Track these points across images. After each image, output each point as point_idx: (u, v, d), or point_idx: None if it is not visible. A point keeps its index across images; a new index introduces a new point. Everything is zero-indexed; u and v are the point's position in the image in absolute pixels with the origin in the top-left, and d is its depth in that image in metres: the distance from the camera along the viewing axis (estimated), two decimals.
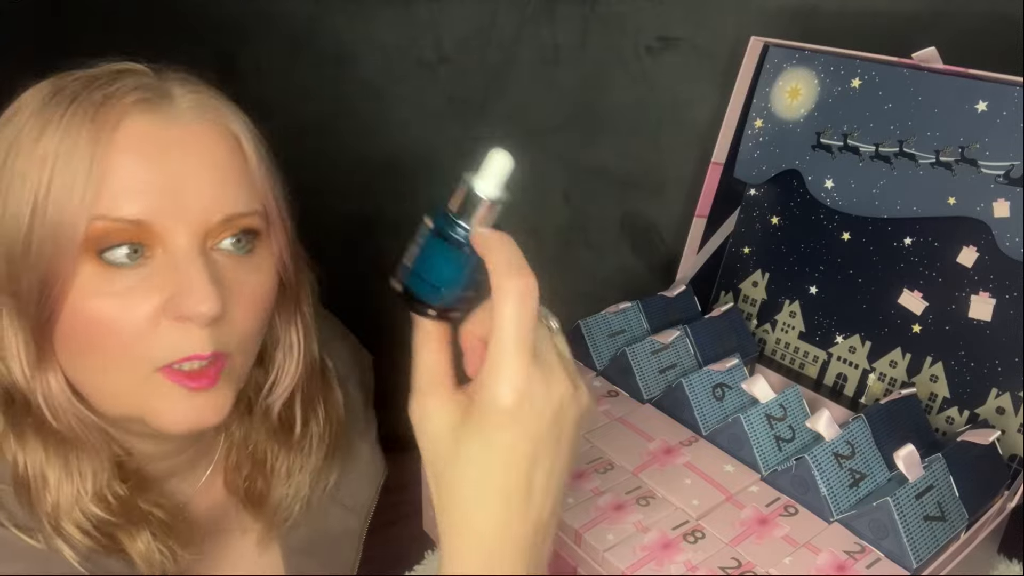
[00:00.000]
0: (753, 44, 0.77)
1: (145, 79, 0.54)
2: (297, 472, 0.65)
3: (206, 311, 0.50)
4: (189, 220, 0.51)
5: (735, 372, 0.70)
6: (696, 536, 0.56)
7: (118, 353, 0.51)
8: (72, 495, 0.53)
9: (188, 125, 0.53)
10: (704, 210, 0.83)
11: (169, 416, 0.53)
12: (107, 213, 0.49)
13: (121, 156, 0.50)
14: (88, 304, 0.50)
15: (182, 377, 0.52)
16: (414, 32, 0.94)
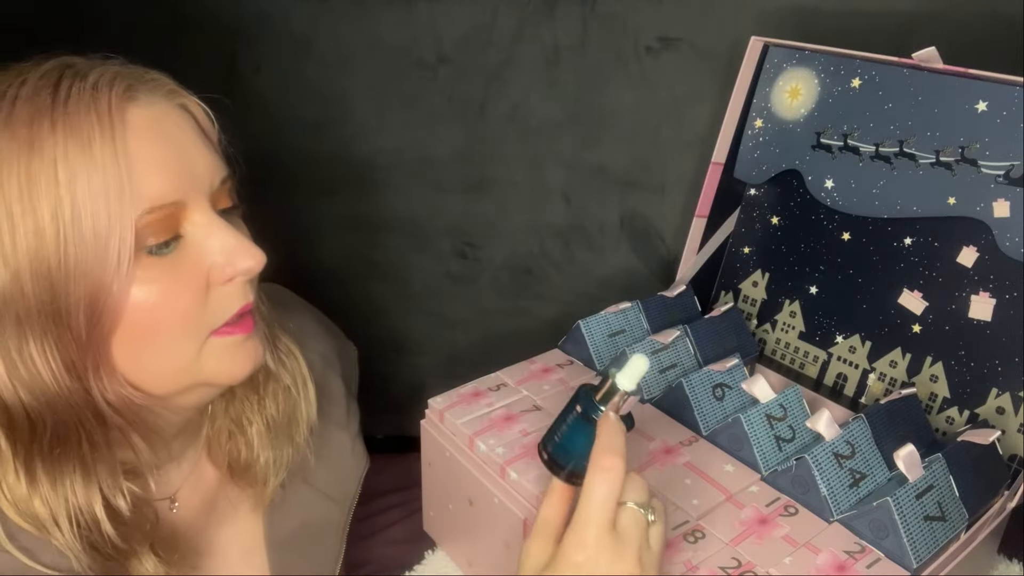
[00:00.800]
0: (753, 44, 0.77)
1: (112, 67, 0.53)
2: (272, 427, 0.66)
3: (254, 264, 0.54)
4: (202, 190, 0.54)
5: (735, 372, 0.70)
6: (696, 536, 0.56)
7: (179, 330, 0.53)
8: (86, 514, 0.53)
9: (162, 105, 0.54)
10: (704, 210, 0.83)
11: (233, 367, 0.57)
12: (148, 205, 0.50)
13: (140, 145, 0.50)
14: (143, 295, 0.51)
15: (235, 328, 0.56)
16: (414, 32, 0.94)
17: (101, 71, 0.52)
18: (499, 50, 0.93)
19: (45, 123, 0.48)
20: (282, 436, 0.67)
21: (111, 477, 0.54)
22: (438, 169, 1.01)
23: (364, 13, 0.94)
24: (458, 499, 0.68)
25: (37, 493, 0.52)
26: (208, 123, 0.58)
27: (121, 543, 0.55)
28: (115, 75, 0.52)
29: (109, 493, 0.54)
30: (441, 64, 0.95)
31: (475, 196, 1.01)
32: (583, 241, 1.00)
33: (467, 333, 1.09)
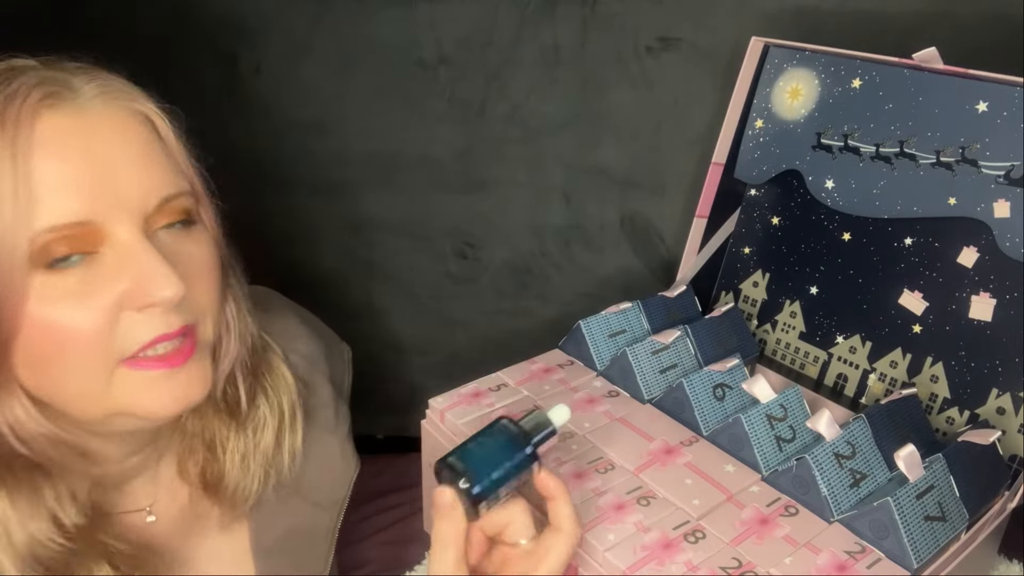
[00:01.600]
0: (754, 44, 0.77)
1: (44, 73, 0.51)
2: (251, 456, 0.64)
3: (171, 295, 0.49)
4: (128, 209, 0.50)
5: (735, 372, 0.70)
6: (697, 536, 0.56)
7: (81, 354, 0.50)
8: (33, 533, 0.51)
9: (101, 113, 0.51)
10: (704, 210, 0.83)
11: (155, 402, 0.52)
12: (48, 223, 0.47)
13: (45, 160, 0.47)
14: (46, 312, 0.48)
15: (154, 362, 0.51)
16: (414, 32, 0.94)
17: (29, 77, 0.49)
18: (499, 50, 0.93)
19: None
20: (261, 464, 0.64)
21: (55, 498, 0.53)
22: (438, 169, 1.01)
23: (364, 13, 0.94)
24: None
25: None
26: (170, 132, 0.55)
27: (70, 557, 0.53)
28: (41, 80, 0.50)
29: (55, 510, 0.53)
30: (441, 64, 0.95)
31: (475, 196, 1.01)
32: (583, 241, 1.00)
33: (467, 333, 1.09)
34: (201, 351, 0.54)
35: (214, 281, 0.56)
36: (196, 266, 0.54)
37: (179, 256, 0.52)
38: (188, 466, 0.65)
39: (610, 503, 0.58)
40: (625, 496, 0.59)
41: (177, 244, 0.53)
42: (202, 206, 0.56)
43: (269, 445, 0.65)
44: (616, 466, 0.62)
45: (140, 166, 0.51)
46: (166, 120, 0.55)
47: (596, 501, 0.59)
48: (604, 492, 0.59)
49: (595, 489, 0.60)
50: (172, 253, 0.52)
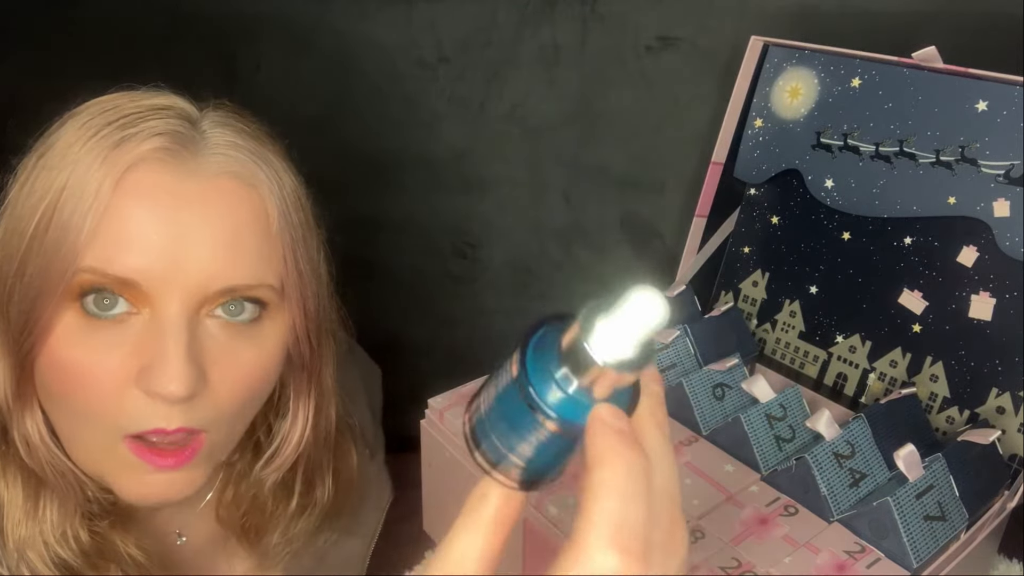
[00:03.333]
0: (753, 44, 0.77)
1: (176, 124, 0.48)
2: (298, 524, 0.61)
3: (175, 391, 0.45)
4: (184, 287, 0.46)
5: (735, 372, 0.70)
6: (696, 536, 0.56)
7: (88, 410, 0.47)
8: (37, 533, 0.50)
9: (208, 182, 0.48)
10: (704, 210, 0.83)
11: (133, 489, 0.50)
12: (96, 266, 0.45)
13: (125, 207, 0.46)
14: (64, 352, 0.46)
15: (148, 452, 0.48)
16: (414, 32, 0.94)
17: (161, 123, 0.48)
18: (499, 50, 0.93)
19: (78, 143, 0.46)
20: (306, 531, 0.62)
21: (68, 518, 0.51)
22: (438, 169, 1.01)
23: (364, 13, 0.94)
24: (458, 499, 0.68)
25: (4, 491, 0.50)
26: (279, 222, 0.50)
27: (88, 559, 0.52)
28: (170, 130, 0.48)
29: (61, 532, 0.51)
30: (441, 64, 0.95)
31: (475, 195, 1.01)
32: (583, 241, 1.00)
33: (467, 333, 1.09)
34: (202, 459, 0.50)
35: (249, 388, 0.51)
36: (235, 369, 0.49)
37: (220, 353, 0.49)
38: (230, 515, 0.62)
39: None
40: None
41: (227, 336, 0.49)
42: (287, 304, 0.52)
43: (317, 523, 0.62)
44: None
45: (219, 246, 0.47)
46: (281, 207, 0.51)
47: None
48: None
49: None
50: (212, 345, 0.48)
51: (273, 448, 0.58)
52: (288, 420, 0.57)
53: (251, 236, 0.49)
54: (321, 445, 0.60)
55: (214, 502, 0.63)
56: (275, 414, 0.58)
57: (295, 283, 0.52)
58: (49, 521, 0.51)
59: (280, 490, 0.60)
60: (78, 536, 0.51)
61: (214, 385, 0.48)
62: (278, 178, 0.52)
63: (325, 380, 0.58)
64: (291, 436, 0.57)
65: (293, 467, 0.59)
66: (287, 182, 0.52)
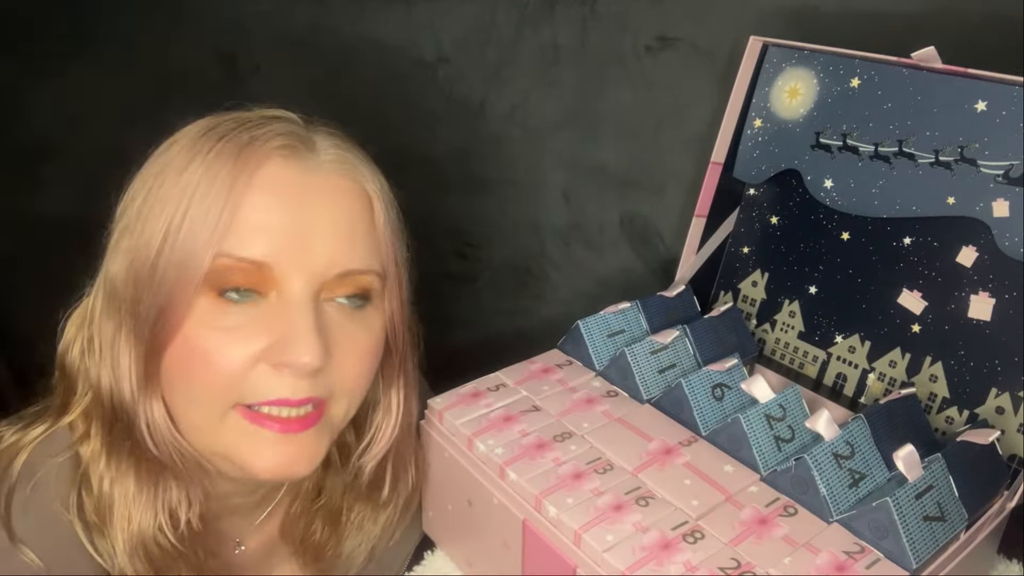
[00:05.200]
0: (752, 44, 0.77)
1: (293, 127, 0.55)
2: (370, 524, 0.65)
3: (309, 361, 0.50)
4: (308, 269, 0.52)
5: (734, 372, 0.70)
6: (695, 536, 0.56)
7: (208, 386, 0.52)
8: (152, 523, 0.54)
9: (326, 176, 0.54)
10: (703, 210, 0.83)
11: (258, 461, 0.53)
12: (232, 251, 0.50)
13: (256, 197, 0.51)
14: (198, 334, 0.51)
15: (270, 421, 0.52)
16: (413, 32, 0.94)
17: (280, 126, 0.54)
18: (498, 50, 0.94)
19: (204, 150, 0.52)
20: (371, 541, 0.65)
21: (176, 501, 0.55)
22: (438, 169, 1.01)
23: (364, 13, 0.94)
24: (457, 499, 0.68)
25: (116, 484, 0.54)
26: (382, 215, 0.57)
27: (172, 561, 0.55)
28: (288, 131, 0.54)
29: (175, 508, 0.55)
30: (441, 64, 0.95)
31: (475, 196, 1.01)
32: (583, 241, 1.00)
33: (467, 333, 1.10)
34: (323, 427, 0.55)
35: (366, 365, 0.56)
36: (352, 346, 0.55)
37: (338, 331, 0.54)
38: (293, 529, 0.65)
39: (608, 503, 0.58)
40: (624, 496, 0.59)
41: (342, 319, 0.55)
42: (388, 293, 0.58)
43: (381, 527, 0.66)
44: (614, 466, 0.62)
45: (338, 234, 0.53)
46: (383, 203, 0.58)
47: (594, 501, 0.59)
48: (603, 492, 0.59)
49: (594, 489, 0.60)
50: (333, 325, 0.53)
51: (369, 437, 0.62)
52: (381, 410, 0.62)
53: (362, 227, 0.56)
54: (407, 434, 0.64)
55: (278, 515, 0.66)
56: (371, 403, 0.62)
57: (394, 273, 0.59)
58: (165, 508, 0.54)
59: (362, 492, 0.64)
60: (193, 523, 0.55)
61: (336, 362, 0.53)
62: (379, 181, 0.58)
63: (410, 372, 0.64)
64: (385, 425, 0.62)
65: (384, 458, 0.63)
66: (384, 184, 0.59)
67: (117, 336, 0.53)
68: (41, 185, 1.21)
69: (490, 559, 0.66)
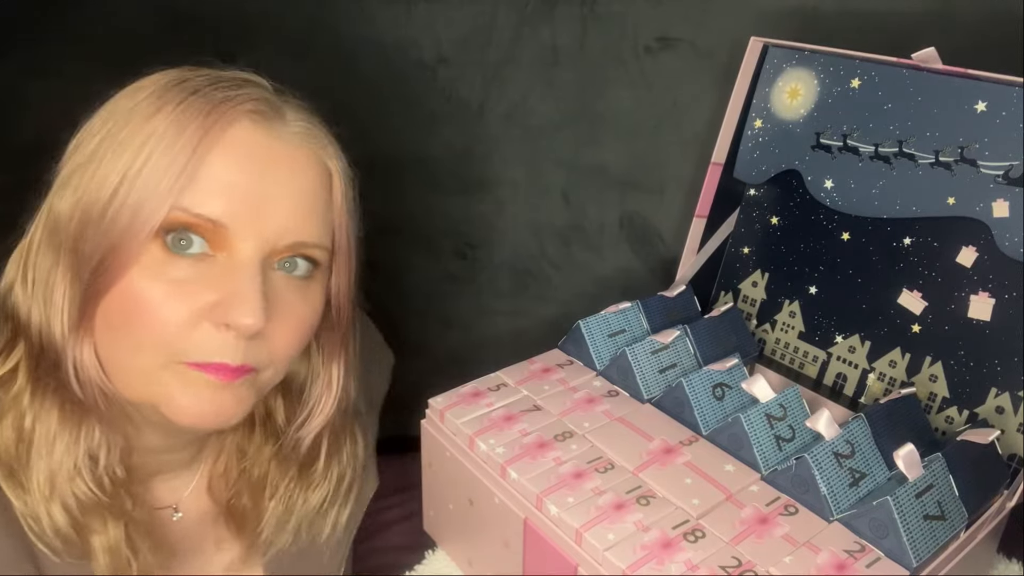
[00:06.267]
0: (753, 44, 0.77)
1: (265, 93, 0.55)
2: (300, 501, 0.63)
3: (251, 323, 0.50)
4: (262, 234, 0.52)
5: (735, 372, 0.70)
6: (696, 535, 0.56)
7: (151, 338, 0.51)
8: (72, 466, 0.53)
9: (292, 146, 0.54)
10: (704, 210, 0.83)
11: (189, 407, 0.53)
12: (189, 207, 0.50)
13: (221, 156, 0.51)
14: (141, 285, 0.50)
15: (209, 368, 0.52)
16: (413, 32, 0.94)
17: (253, 91, 0.54)
18: (498, 50, 0.93)
19: (174, 100, 0.51)
20: (299, 523, 0.64)
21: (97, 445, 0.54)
22: (437, 169, 1.01)
23: (363, 13, 0.94)
24: (458, 499, 0.68)
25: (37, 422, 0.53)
26: (339, 192, 0.58)
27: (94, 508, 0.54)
28: (260, 97, 0.54)
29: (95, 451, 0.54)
30: (440, 64, 0.95)
31: (475, 196, 1.01)
32: (583, 241, 1.00)
33: (467, 333, 1.09)
34: (252, 385, 0.55)
35: (298, 336, 0.56)
36: (289, 315, 0.55)
37: (279, 299, 0.54)
38: (219, 488, 0.65)
39: (610, 503, 0.58)
40: (625, 496, 0.59)
41: (285, 288, 0.54)
42: (335, 269, 0.59)
43: (313, 507, 0.64)
44: (615, 466, 0.62)
45: (295, 204, 0.54)
46: (343, 180, 0.58)
47: (596, 501, 0.59)
48: (604, 492, 0.59)
49: (595, 489, 0.60)
50: (274, 292, 0.53)
51: (308, 410, 0.62)
52: (320, 385, 0.62)
53: (320, 201, 0.56)
54: (343, 412, 0.64)
55: (206, 475, 0.65)
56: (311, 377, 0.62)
57: (344, 250, 0.59)
58: (86, 452, 0.54)
59: (295, 466, 0.63)
60: (112, 471, 0.55)
61: (272, 331, 0.53)
62: (340, 156, 0.58)
63: (351, 348, 0.63)
64: (325, 400, 0.62)
65: (318, 435, 0.63)
66: (344, 161, 0.59)
67: (53, 271, 0.52)
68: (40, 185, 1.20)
69: (491, 558, 0.66)
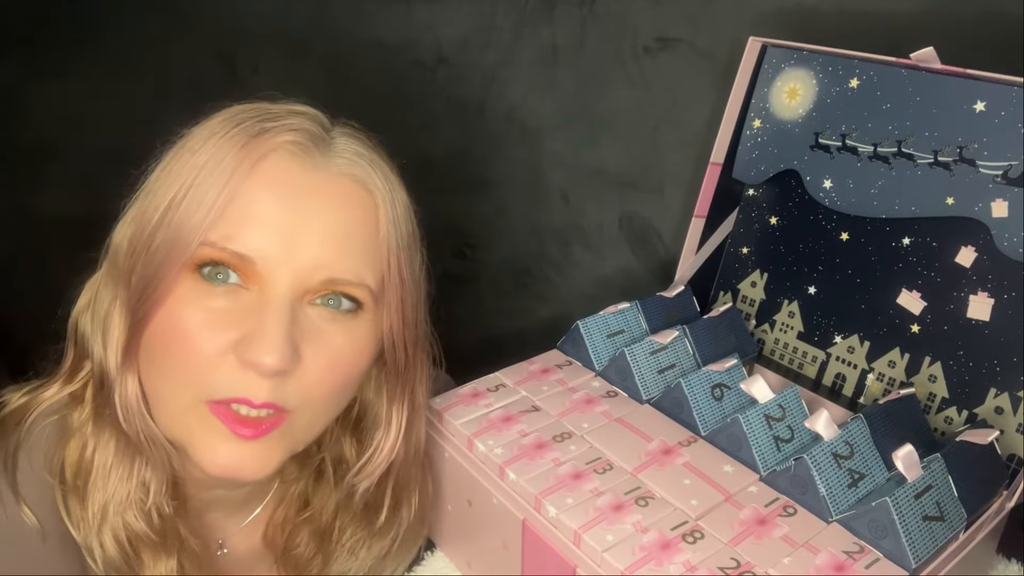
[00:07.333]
0: (751, 44, 0.77)
1: (310, 124, 0.54)
2: (364, 550, 0.63)
3: (269, 363, 0.49)
4: (293, 270, 0.51)
5: (734, 372, 0.70)
6: (695, 536, 0.56)
7: (182, 372, 0.51)
8: (124, 498, 0.53)
9: (331, 178, 0.53)
10: (703, 210, 0.83)
11: (209, 455, 0.52)
12: (217, 241, 0.50)
13: (252, 190, 0.50)
14: (179, 313, 0.50)
15: (230, 419, 0.51)
16: (413, 33, 0.94)
17: (296, 121, 0.53)
18: (497, 51, 0.94)
19: (219, 133, 0.51)
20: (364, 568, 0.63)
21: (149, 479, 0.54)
22: (437, 169, 1.01)
23: (363, 14, 0.94)
24: (457, 500, 0.68)
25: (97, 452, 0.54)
26: (389, 225, 0.55)
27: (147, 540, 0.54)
28: (302, 128, 0.53)
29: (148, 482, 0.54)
30: (440, 65, 0.95)
31: (474, 196, 1.01)
32: (582, 241, 1.00)
33: (466, 333, 1.10)
34: (281, 436, 0.53)
35: (337, 375, 0.54)
36: (325, 350, 0.53)
37: (315, 335, 0.52)
38: (275, 536, 0.64)
39: (608, 504, 0.58)
40: (623, 496, 0.59)
41: (324, 324, 0.53)
42: (385, 307, 0.56)
43: (376, 555, 0.64)
44: (614, 466, 0.62)
45: (330, 239, 0.52)
46: (392, 212, 0.56)
47: (594, 501, 0.59)
48: (602, 492, 0.59)
49: (593, 490, 0.60)
50: (309, 331, 0.52)
51: (367, 456, 0.60)
52: (382, 428, 0.60)
53: (360, 236, 0.54)
54: (411, 461, 0.62)
55: (263, 519, 0.64)
56: (373, 421, 0.61)
57: (396, 288, 0.56)
58: (139, 485, 0.54)
59: (358, 513, 0.62)
60: (161, 508, 0.55)
61: (305, 366, 0.52)
62: (392, 189, 0.56)
63: (418, 393, 0.61)
64: (384, 444, 0.60)
65: (383, 481, 0.61)
66: (399, 196, 0.57)
67: (112, 306, 0.53)
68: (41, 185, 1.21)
69: (490, 559, 0.66)
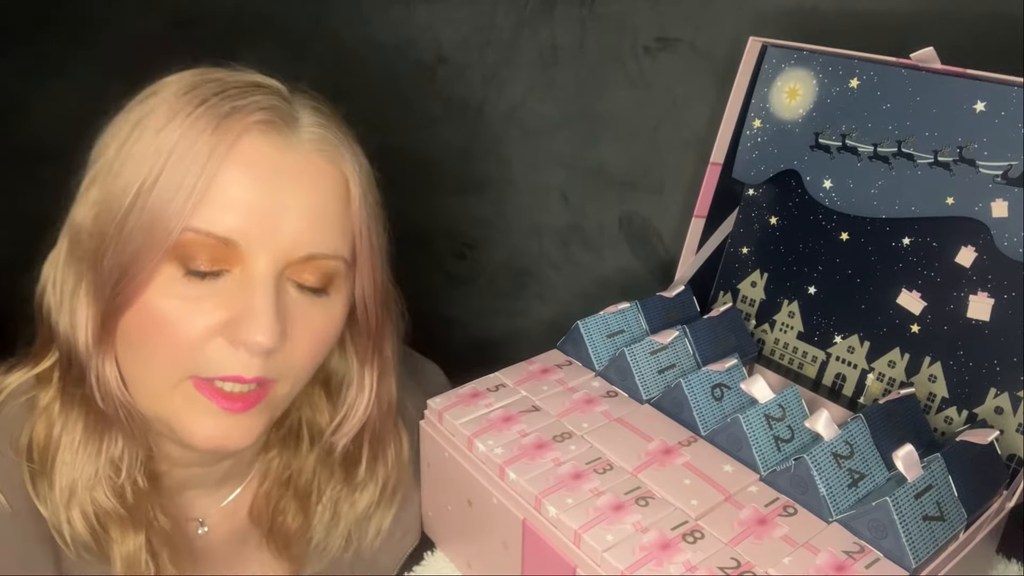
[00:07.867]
0: (751, 44, 0.77)
1: (276, 100, 0.54)
2: (346, 506, 0.64)
3: (263, 341, 0.50)
4: (274, 249, 0.51)
5: (734, 372, 0.70)
6: (695, 536, 0.56)
7: (165, 356, 0.51)
8: (92, 475, 0.53)
9: (303, 156, 0.53)
10: (703, 210, 0.83)
11: (197, 430, 0.53)
12: (200, 227, 0.50)
13: (231, 171, 0.50)
14: (157, 304, 0.50)
15: (216, 395, 0.52)
16: (412, 33, 0.94)
17: (262, 98, 0.53)
18: (497, 51, 0.94)
19: (183, 112, 0.50)
20: (348, 528, 0.64)
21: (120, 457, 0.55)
22: (437, 169, 1.01)
23: (363, 14, 0.94)
24: (457, 500, 0.68)
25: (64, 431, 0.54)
26: (358, 199, 0.56)
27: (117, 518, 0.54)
28: (270, 105, 0.52)
29: (117, 461, 0.54)
30: (440, 65, 0.95)
31: (474, 196, 1.01)
32: (582, 241, 1.00)
33: (466, 333, 1.10)
34: (265, 406, 0.55)
35: (317, 349, 0.56)
36: (307, 330, 0.54)
37: (295, 313, 0.53)
38: (262, 510, 0.65)
39: (608, 503, 0.58)
40: (623, 496, 0.59)
41: (302, 301, 0.54)
42: (358, 275, 0.57)
43: (360, 512, 0.65)
44: (614, 466, 0.62)
45: (308, 216, 0.53)
46: (361, 185, 0.56)
47: (594, 501, 0.59)
48: (602, 492, 0.59)
49: (593, 490, 0.60)
50: (291, 306, 0.53)
51: (342, 414, 0.62)
52: (355, 387, 0.62)
53: (334, 210, 0.54)
54: (384, 415, 0.63)
55: (247, 497, 0.65)
56: (345, 381, 0.62)
57: (367, 255, 0.57)
58: (107, 463, 0.54)
59: (337, 470, 0.63)
60: (135, 481, 0.55)
61: (290, 343, 0.53)
62: (358, 160, 0.57)
63: (386, 350, 0.63)
64: (359, 403, 0.62)
65: (359, 437, 0.63)
66: (364, 164, 0.57)
67: (77, 288, 0.53)
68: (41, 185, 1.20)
69: (490, 559, 0.66)
